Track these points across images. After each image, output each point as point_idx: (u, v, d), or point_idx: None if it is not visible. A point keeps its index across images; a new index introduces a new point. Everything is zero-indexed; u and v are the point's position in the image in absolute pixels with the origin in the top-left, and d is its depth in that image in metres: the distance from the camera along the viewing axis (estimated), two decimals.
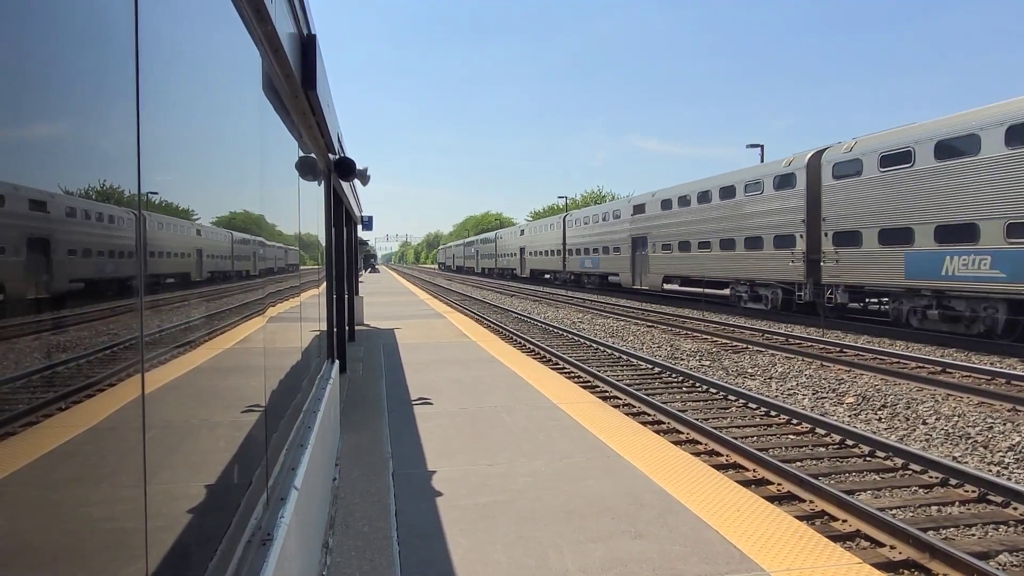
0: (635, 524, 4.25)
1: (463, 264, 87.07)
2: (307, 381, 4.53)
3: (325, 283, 6.66)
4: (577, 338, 17.34)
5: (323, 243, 6.56)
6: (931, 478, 6.62)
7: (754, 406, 9.67)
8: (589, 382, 11.62)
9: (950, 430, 8.42)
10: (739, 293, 23.92)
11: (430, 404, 7.81)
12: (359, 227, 18.92)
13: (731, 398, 10.25)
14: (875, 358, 13.65)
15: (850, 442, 7.81)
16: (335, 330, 7.66)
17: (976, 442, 7.92)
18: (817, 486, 6.07)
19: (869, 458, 7.34)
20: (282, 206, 3.54)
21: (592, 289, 37.98)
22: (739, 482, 5.58)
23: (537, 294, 36.20)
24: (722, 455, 7.48)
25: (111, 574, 1.25)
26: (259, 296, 2.84)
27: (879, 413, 9.45)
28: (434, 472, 5.36)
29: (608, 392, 10.79)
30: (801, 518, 5.14)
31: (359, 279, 21.96)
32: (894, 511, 5.85)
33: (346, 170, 7.23)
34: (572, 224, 41.88)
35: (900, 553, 4.97)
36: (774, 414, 9.18)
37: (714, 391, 10.75)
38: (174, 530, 1.59)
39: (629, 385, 11.15)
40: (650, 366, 13.06)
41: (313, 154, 5.33)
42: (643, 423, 8.21)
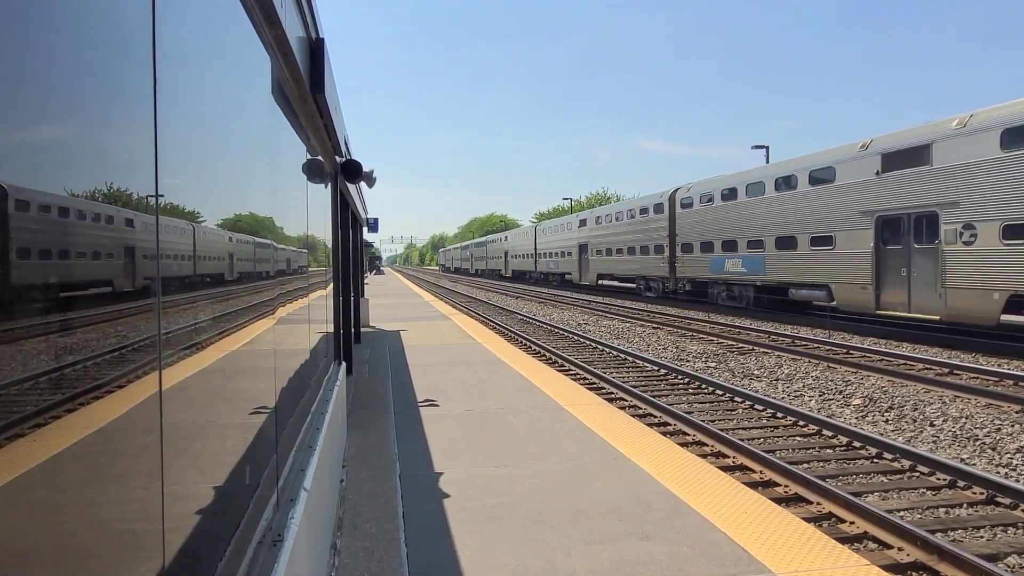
0: (642, 526, 4.25)
1: (460, 265, 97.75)
2: (315, 382, 4.55)
3: (332, 285, 6.69)
4: (583, 340, 17.34)
5: (330, 245, 6.58)
6: (939, 480, 6.59)
7: (760, 408, 9.65)
8: (595, 384, 11.61)
9: (958, 432, 8.38)
10: (639, 285, 32.97)
11: (436, 406, 7.82)
12: (365, 229, 18.97)
13: (737, 400, 10.23)
14: (882, 359, 13.60)
15: (857, 444, 7.79)
16: (342, 332, 7.68)
17: (984, 444, 7.89)
18: (824, 488, 6.06)
19: (876, 460, 7.32)
20: (291, 208, 3.56)
21: (556, 285, 46.25)
22: (746, 484, 5.58)
23: (541, 296, 36.33)
24: (729, 457, 7.47)
25: (128, 572, 1.26)
26: (270, 298, 2.86)
27: (886, 415, 9.42)
28: (441, 474, 5.37)
29: (614, 394, 10.79)
30: (808, 520, 5.13)
31: (365, 281, 22.01)
32: (902, 513, 5.84)
33: (352, 172, 7.26)
34: (541, 233, 51.74)
35: (908, 555, 4.96)
36: (781, 416, 9.16)
37: (720, 393, 10.73)
38: (188, 530, 1.61)
39: (635, 387, 11.15)
40: (656, 368, 13.05)
41: (320, 157, 5.36)
42: (649, 425, 8.20)
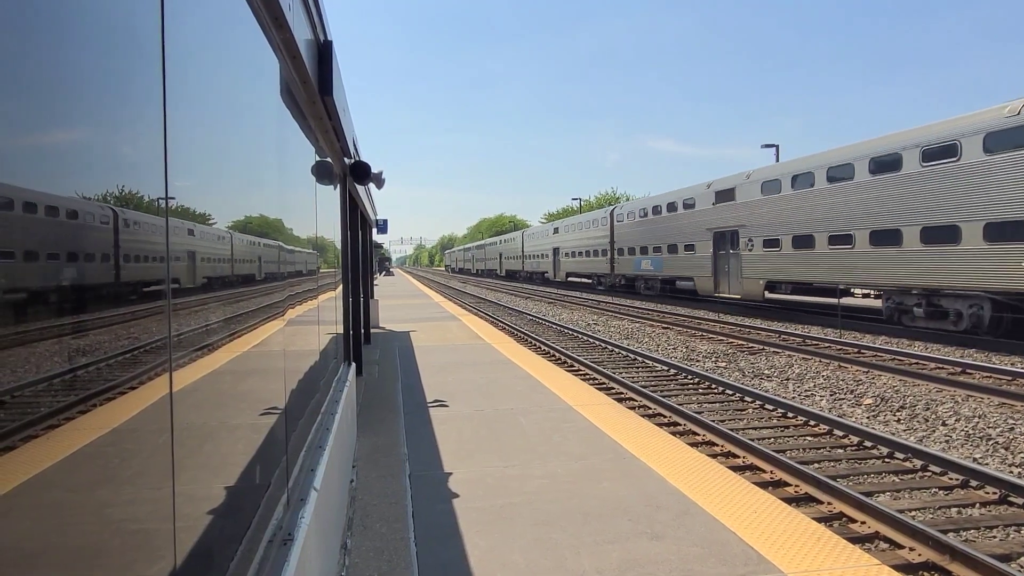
0: (652, 526, 4.25)
1: (463, 266, 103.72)
2: (325, 383, 4.58)
3: (341, 286, 6.72)
4: (592, 340, 17.32)
5: (339, 247, 6.61)
6: (951, 480, 6.54)
7: (771, 407, 9.60)
8: (604, 384, 11.60)
9: (970, 431, 8.32)
10: (594, 280, 41.85)
11: (446, 406, 7.84)
12: (374, 230, 19.02)
13: (747, 399, 10.18)
14: (893, 359, 13.51)
15: (869, 444, 7.74)
16: (351, 333, 7.72)
17: (997, 443, 7.82)
18: (835, 487, 6.03)
19: (888, 460, 7.27)
20: (300, 210, 3.58)
21: (539, 282, 53.85)
22: (756, 484, 5.56)
23: (551, 296, 36.40)
24: (739, 456, 7.44)
25: (141, 571, 1.28)
26: (280, 299, 2.88)
27: (898, 414, 9.35)
28: (450, 474, 5.38)
29: (623, 394, 10.77)
30: (819, 520, 5.10)
31: (374, 282, 22.06)
32: (913, 513, 5.79)
33: (361, 174, 7.29)
34: (527, 238, 60.16)
35: (919, 555, 4.93)
36: (791, 415, 9.11)
37: (730, 392, 10.69)
38: (199, 529, 1.63)
39: (644, 387, 11.12)
40: (665, 368, 13.02)
41: (329, 158, 5.39)
42: (659, 425, 8.18)
